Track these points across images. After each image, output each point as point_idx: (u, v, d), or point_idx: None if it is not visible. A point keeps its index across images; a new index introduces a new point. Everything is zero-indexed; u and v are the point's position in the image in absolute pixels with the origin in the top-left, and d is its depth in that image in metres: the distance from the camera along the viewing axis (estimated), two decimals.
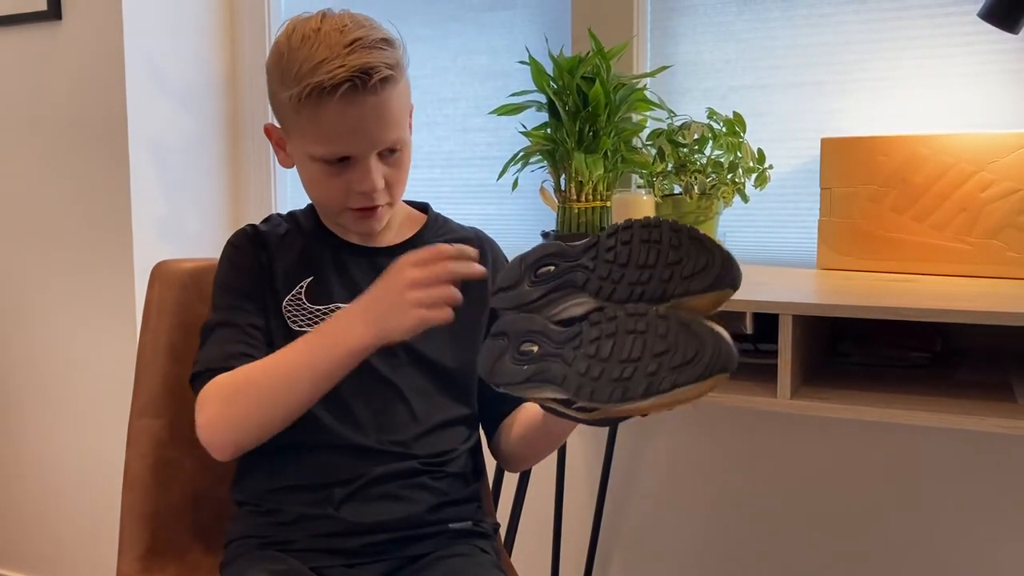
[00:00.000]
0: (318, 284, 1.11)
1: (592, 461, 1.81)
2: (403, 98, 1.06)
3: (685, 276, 0.83)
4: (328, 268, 1.12)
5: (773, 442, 1.66)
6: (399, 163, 1.07)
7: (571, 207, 1.59)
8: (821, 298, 1.13)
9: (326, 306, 1.10)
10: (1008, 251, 1.33)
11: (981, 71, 1.49)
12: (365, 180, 1.04)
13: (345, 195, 1.06)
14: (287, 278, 1.11)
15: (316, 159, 1.04)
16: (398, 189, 1.10)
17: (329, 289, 1.11)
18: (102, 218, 2.01)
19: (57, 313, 2.11)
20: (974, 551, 1.54)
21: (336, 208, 1.09)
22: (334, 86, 0.98)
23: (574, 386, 0.82)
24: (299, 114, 1.02)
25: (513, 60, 1.86)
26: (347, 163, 1.04)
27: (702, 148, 1.54)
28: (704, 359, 0.77)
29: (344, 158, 1.04)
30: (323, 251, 1.14)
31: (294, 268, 1.12)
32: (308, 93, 0.99)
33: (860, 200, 1.43)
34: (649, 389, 0.78)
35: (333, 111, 1.00)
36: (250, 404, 1.00)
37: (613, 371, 0.80)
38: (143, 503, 1.20)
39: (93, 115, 1.98)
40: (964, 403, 1.09)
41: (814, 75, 1.62)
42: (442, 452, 1.11)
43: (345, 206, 1.08)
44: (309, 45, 1.00)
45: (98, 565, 2.16)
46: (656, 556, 1.79)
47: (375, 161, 1.04)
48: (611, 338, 0.81)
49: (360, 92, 0.99)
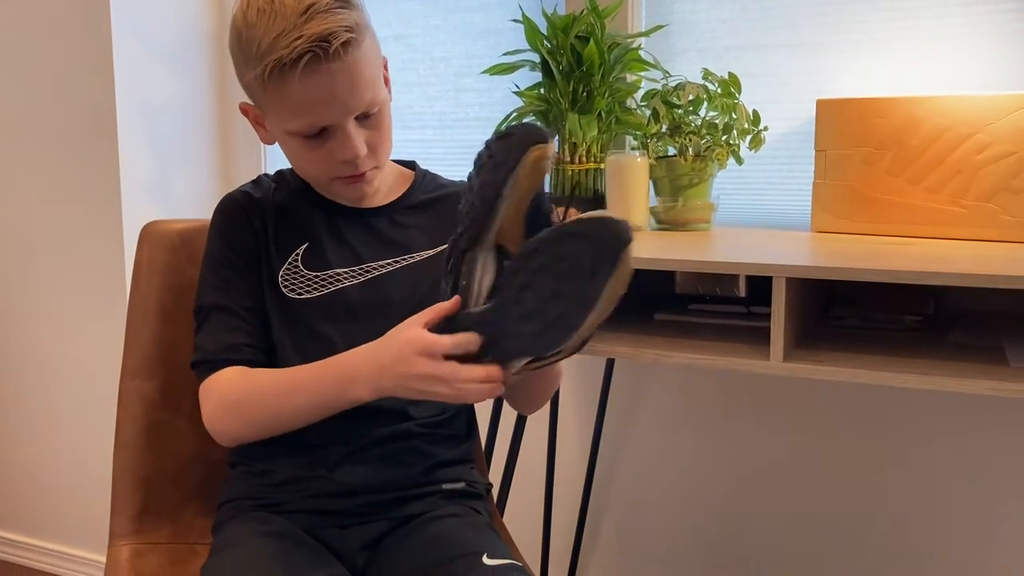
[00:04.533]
0: (314, 250, 1.10)
1: (584, 423, 1.82)
2: (370, 56, 1.01)
3: (498, 164, 0.86)
4: (323, 233, 1.11)
5: (765, 404, 1.67)
6: (379, 124, 1.04)
7: (565, 169, 1.58)
8: (815, 260, 1.13)
9: (324, 272, 1.09)
10: (1002, 214, 1.33)
11: (978, 32, 1.48)
12: (346, 148, 1.02)
13: (330, 166, 1.04)
14: (281, 245, 1.10)
15: (294, 134, 1.02)
16: (383, 150, 1.07)
17: (325, 255, 1.10)
18: (90, 179, 1.99)
19: (47, 276, 2.10)
20: (968, 512, 1.56)
21: (324, 180, 1.07)
22: (294, 60, 0.95)
23: (531, 349, 0.86)
24: (267, 93, 0.99)
25: (506, 18, 1.83)
26: (326, 134, 1.02)
27: (697, 109, 1.53)
28: (606, 250, 0.80)
29: (322, 129, 1.01)
30: (316, 215, 1.12)
31: (288, 235, 1.10)
32: (271, 71, 0.96)
33: (855, 163, 1.42)
34: (585, 306, 0.81)
35: (299, 85, 0.97)
36: (252, 414, 1.04)
37: (549, 314, 0.83)
38: (135, 464, 1.20)
39: (79, 75, 1.95)
40: (956, 366, 1.09)
41: (810, 36, 1.60)
42: (438, 414, 1.11)
43: (332, 176, 1.06)
44: (265, 19, 0.96)
45: (91, 526, 2.17)
46: (647, 516, 1.81)
47: (353, 127, 1.01)
48: (526, 288, 0.84)
49: (323, 61, 0.96)
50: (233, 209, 1.11)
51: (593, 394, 1.78)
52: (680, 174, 1.52)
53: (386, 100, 1.05)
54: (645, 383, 1.77)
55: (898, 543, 1.61)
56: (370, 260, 1.10)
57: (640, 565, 1.83)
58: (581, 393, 1.81)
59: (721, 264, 1.15)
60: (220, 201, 1.13)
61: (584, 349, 0.89)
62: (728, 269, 1.15)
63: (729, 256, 1.18)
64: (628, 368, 1.77)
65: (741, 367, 1.15)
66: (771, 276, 1.10)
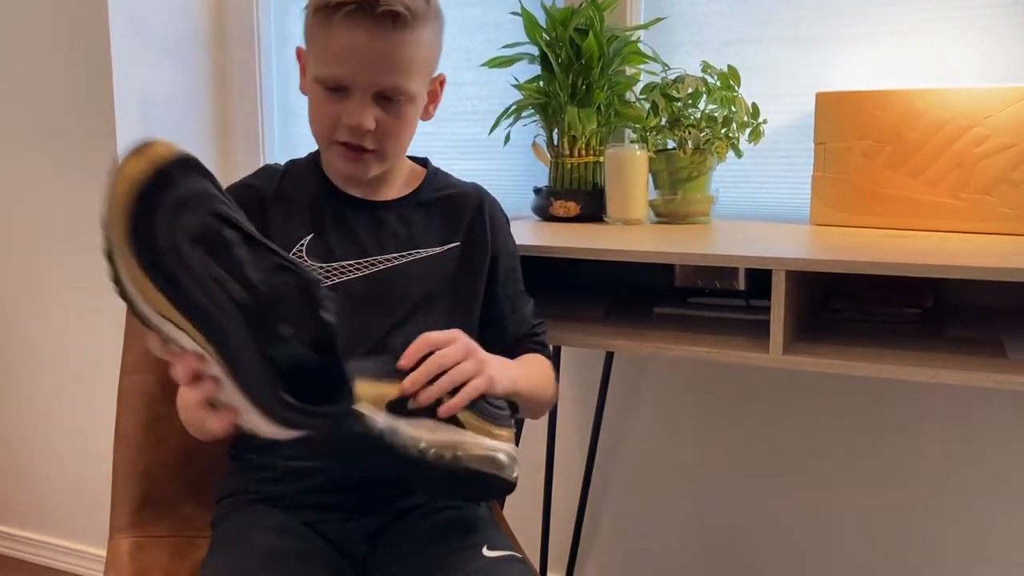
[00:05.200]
0: (319, 241, 1.09)
1: (583, 416, 1.82)
2: (418, 49, 1.04)
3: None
4: (328, 223, 1.10)
5: (764, 397, 1.67)
6: (399, 114, 1.06)
7: (564, 162, 1.58)
8: (814, 253, 1.13)
9: (328, 264, 1.08)
10: (1001, 207, 1.32)
11: (978, 25, 1.48)
12: (354, 114, 1.03)
13: (334, 126, 1.05)
14: (285, 236, 1.09)
15: (319, 81, 1.04)
16: (392, 141, 1.07)
17: (330, 245, 1.09)
18: (88, 173, 1.98)
19: (45, 270, 2.09)
20: (966, 504, 1.56)
21: (326, 139, 1.08)
22: (339, 4, 0.99)
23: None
24: (312, 33, 1.05)
25: (505, 11, 1.83)
26: (344, 94, 1.04)
27: (696, 102, 1.53)
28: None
29: (343, 88, 1.03)
30: (323, 206, 1.11)
31: (292, 225, 1.10)
32: (317, 9, 1.02)
33: (854, 156, 1.42)
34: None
35: (337, 29, 1.00)
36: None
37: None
38: (135, 459, 1.20)
39: (77, 68, 1.95)
40: (955, 358, 1.10)
41: (810, 29, 1.59)
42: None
43: (333, 139, 1.06)
44: None
45: (92, 521, 2.17)
46: (647, 509, 1.81)
47: (370, 100, 1.03)
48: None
49: (364, 15, 0.99)
50: (241, 197, 1.09)
51: (592, 387, 1.78)
52: (679, 167, 1.52)
53: (415, 99, 1.07)
54: (644, 376, 1.77)
55: (898, 535, 1.61)
56: (375, 253, 1.10)
57: (639, 556, 1.83)
58: (580, 386, 1.81)
59: (720, 257, 1.15)
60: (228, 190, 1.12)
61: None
62: (727, 262, 1.15)
63: (728, 249, 1.18)
64: (627, 361, 1.77)
65: (741, 360, 1.15)
66: (770, 269, 1.10)
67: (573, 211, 1.56)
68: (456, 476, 0.90)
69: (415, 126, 1.10)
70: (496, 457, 0.92)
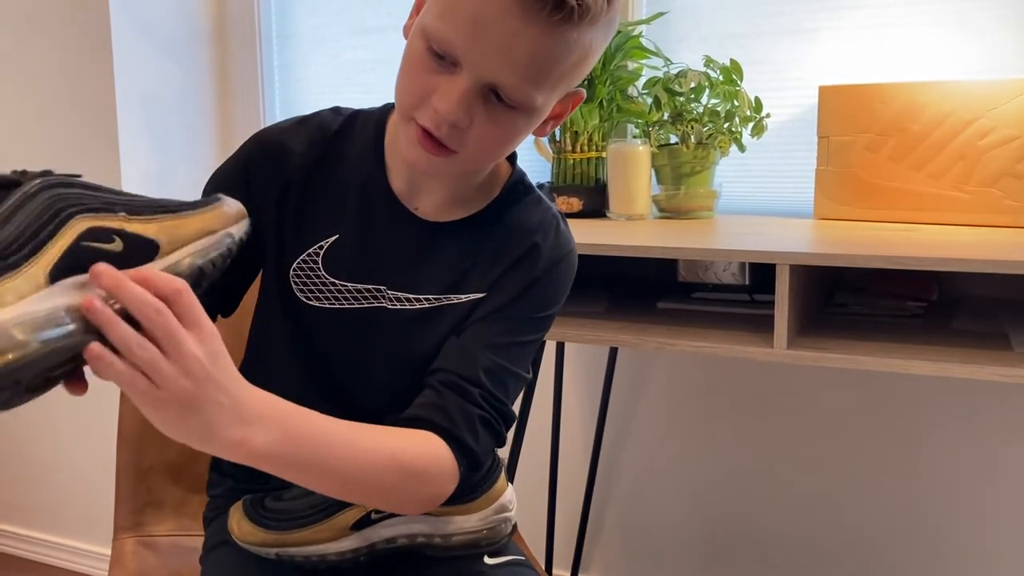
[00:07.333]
0: (343, 248, 0.89)
1: (587, 412, 1.82)
2: (570, 57, 0.79)
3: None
4: (353, 228, 0.89)
5: (769, 392, 1.67)
6: (505, 122, 0.81)
7: (566, 158, 1.57)
8: (818, 247, 1.13)
9: (345, 284, 0.89)
10: (1006, 199, 1.32)
11: (980, 17, 1.47)
12: (444, 97, 0.79)
13: (420, 98, 0.81)
14: (306, 226, 0.89)
15: (426, 35, 0.79)
16: (484, 151, 0.84)
17: (361, 259, 0.89)
18: (90, 171, 1.98)
19: None
20: (972, 498, 1.56)
21: (406, 109, 0.83)
22: None
23: None
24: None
25: None
26: (445, 66, 0.79)
27: (698, 97, 1.52)
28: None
29: (450, 58, 0.79)
30: (360, 200, 0.90)
31: (320, 215, 0.89)
32: None
33: (857, 149, 1.41)
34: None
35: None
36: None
37: None
38: (138, 457, 1.20)
39: (78, 66, 1.95)
40: (961, 352, 1.09)
41: (812, 22, 1.59)
42: None
43: (413, 111, 0.82)
44: None
45: (99, 521, 2.17)
46: (651, 505, 1.81)
47: (471, 88, 0.78)
48: None
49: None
50: (264, 156, 0.90)
51: (596, 383, 1.78)
52: (682, 162, 1.51)
53: (534, 112, 0.82)
54: (648, 372, 1.76)
55: (903, 529, 1.61)
56: (413, 292, 0.90)
57: (644, 554, 1.83)
58: (584, 382, 1.81)
59: (724, 252, 1.14)
60: (257, 137, 0.92)
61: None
62: (731, 257, 1.14)
63: (732, 244, 1.17)
64: (631, 357, 1.76)
65: (745, 355, 1.15)
66: (774, 263, 1.10)
67: (576, 207, 1.56)
68: None
69: (521, 141, 0.86)
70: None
